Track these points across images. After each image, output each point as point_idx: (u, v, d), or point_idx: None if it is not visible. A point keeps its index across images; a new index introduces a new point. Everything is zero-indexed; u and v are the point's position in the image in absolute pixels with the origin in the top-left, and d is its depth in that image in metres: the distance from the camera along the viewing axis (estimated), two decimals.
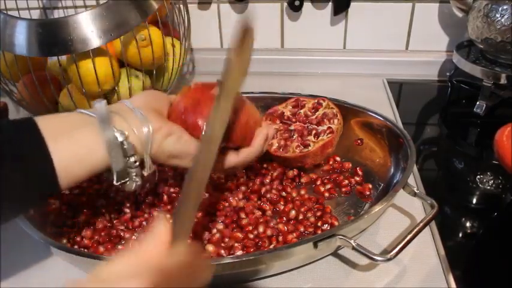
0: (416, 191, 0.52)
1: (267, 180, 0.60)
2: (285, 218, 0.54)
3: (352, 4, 0.88)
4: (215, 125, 0.37)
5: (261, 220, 0.53)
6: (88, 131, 0.40)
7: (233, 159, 0.49)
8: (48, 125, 0.39)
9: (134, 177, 0.42)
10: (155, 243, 0.28)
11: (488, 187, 0.62)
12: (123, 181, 0.42)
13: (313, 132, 0.62)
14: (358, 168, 0.62)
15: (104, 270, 0.26)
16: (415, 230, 0.47)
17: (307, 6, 0.90)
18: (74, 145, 0.39)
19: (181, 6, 0.76)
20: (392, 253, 0.44)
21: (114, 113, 0.42)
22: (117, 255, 0.28)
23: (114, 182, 0.41)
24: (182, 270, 0.28)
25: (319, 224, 0.53)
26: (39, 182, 0.38)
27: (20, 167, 0.37)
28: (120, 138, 0.40)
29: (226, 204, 0.56)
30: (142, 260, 0.27)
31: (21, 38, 0.60)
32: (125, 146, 0.40)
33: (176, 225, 0.30)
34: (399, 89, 0.91)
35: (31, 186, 0.38)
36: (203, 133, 0.41)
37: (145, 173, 0.43)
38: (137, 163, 0.42)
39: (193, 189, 0.33)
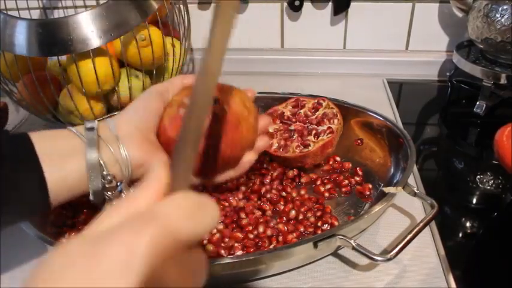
0: (416, 191, 0.52)
1: (267, 180, 0.60)
2: (285, 218, 0.54)
3: (352, 4, 0.88)
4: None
5: (261, 220, 0.53)
6: (77, 160, 0.41)
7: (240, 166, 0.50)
8: (42, 145, 0.40)
9: (111, 198, 0.44)
10: (147, 192, 0.24)
11: (488, 187, 0.62)
12: (97, 201, 0.44)
13: (313, 132, 0.62)
14: (358, 168, 0.62)
15: (93, 227, 0.23)
16: (415, 230, 0.47)
17: (307, 6, 0.90)
18: (65, 172, 0.41)
19: (181, 6, 0.76)
20: (392, 253, 0.44)
21: (101, 139, 0.43)
22: (107, 209, 0.24)
23: (91, 199, 0.43)
24: (182, 216, 0.22)
25: (319, 224, 0.53)
26: (32, 199, 0.40)
27: (14, 186, 0.38)
28: (103, 165, 0.42)
29: (226, 204, 0.56)
30: (129, 211, 0.23)
31: (21, 38, 0.60)
32: (104, 173, 0.42)
33: (173, 172, 0.26)
34: (399, 89, 0.91)
35: (24, 202, 0.39)
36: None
37: (122, 196, 0.45)
38: (115, 189, 0.44)
39: (191, 130, 0.28)
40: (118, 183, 0.44)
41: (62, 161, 0.41)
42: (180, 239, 0.22)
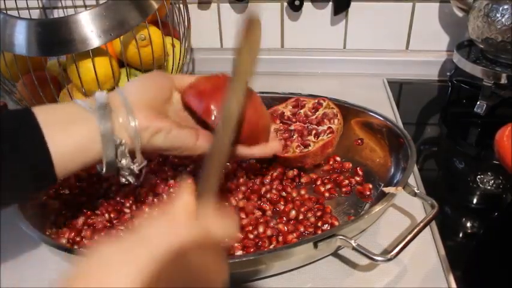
0: (416, 191, 0.52)
1: (267, 180, 0.60)
2: (285, 218, 0.54)
3: (352, 4, 0.88)
4: (232, 104, 0.40)
5: (261, 220, 0.53)
6: (84, 126, 0.41)
7: (245, 152, 0.50)
8: (46, 116, 0.39)
9: (124, 170, 0.44)
10: (183, 207, 0.29)
11: (489, 187, 0.62)
12: (111, 173, 0.43)
13: (313, 132, 0.62)
14: (358, 168, 0.62)
15: (141, 230, 0.27)
16: (415, 230, 0.47)
17: (307, 6, 0.90)
18: (70, 139, 0.40)
19: (181, 6, 0.76)
20: (392, 253, 0.44)
21: (111, 107, 0.43)
22: (146, 219, 0.29)
23: (103, 172, 0.43)
24: (212, 222, 0.30)
25: (319, 224, 0.53)
26: (37, 172, 0.39)
27: (17, 157, 0.37)
28: (115, 139, 0.41)
29: (226, 204, 0.56)
30: (173, 216, 0.29)
31: (20, 38, 0.60)
32: (119, 146, 0.42)
33: (201, 190, 0.32)
34: (399, 89, 0.91)
35: (28, 176, 0.38)
36: (218, 115, 0.43)
37: (135, 167, 0.44)
38: (129, 160, 0.43)
39: (216, 154, 0.36)
40: (129, 155, 0.44)
41: (66, 128, 0.40)
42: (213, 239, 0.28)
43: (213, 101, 0.47)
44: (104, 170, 0.42)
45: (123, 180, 0.44)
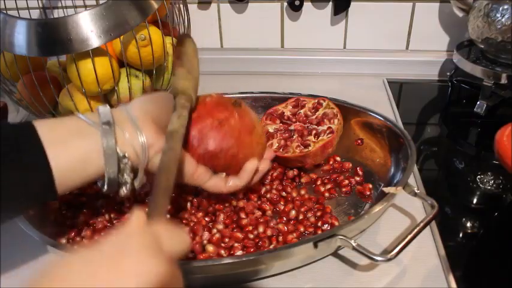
0: (416, 191, 0.52)
1: (267, 180, 0.60)
2: (285, 218, 0.54)
3: (352, 4, 0.88)
4: (175, 122, 0.42)
5: (261, 220, 0.53)
6: (86, 142, 0.40)
7: (220, 186, 0.50)
8: (47, 131, 0.39)
9: (125, 186, 0.43)
10: (134, 221, 0.29)
11: (489, 187, 0.62)
12: (112, 190, 0.43)
13: (313, 132, 0.62)
14: (358, 168, 0.62)
15: (94, 245, 0.27)
16: (416, 230, 0.47)
17: (307, 6, 0.90)
18: (71, 155, 0.39)
19: (181, 6, 0.76)
20: (392, 253, 0.44)
21: (115, 123, 0.42)
22: (97, 242, 0.28)
23: (104, 189, 0.42)
24: (164, 234, 0.28)
25: (319, 224, 0.53)
26: (38, 187, 0.39)
27: (18, 173, 0.37)
28: (119, 152, 0.41)
29: (226, 204, 0.56)
30: (126, 230, 0.28)
31: (20, 38, 0.60)
32: (122, 160, 0.41)
33: (151, 211, 0.32)
34: (399, 89, 0.91)
35: (29, 192, 0.38)
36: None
37: (136, 184, 0.44)
38: (131, 176, 0.43)
39: (163, 177, 0.36)
40: (131, 172, 0.43)
41: (68, 142, 0.39)
42: (164, 249, 0.27)
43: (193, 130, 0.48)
44: (106, 186, 0.42)
45: (122, 194, 0.44)
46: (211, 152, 0.48)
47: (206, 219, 0.53)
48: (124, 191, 0.43)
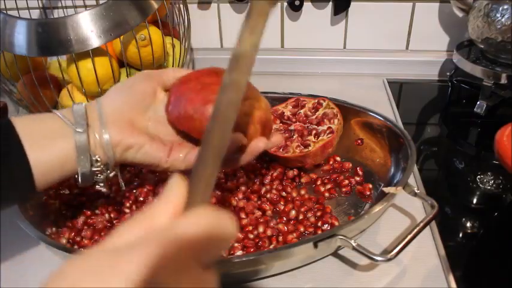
0: (416, 191, 0.52)
1: (267, 180, 0.60)
2: (285, 218, 0.54)
3: (352, 4, 0.88)
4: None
5: (261, 220, 0.53)
6: (63, 141, 0.42)
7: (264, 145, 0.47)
8: (27, 129, 0.41)
9: (100, 180, 0.45)
10: (166, 207, 0.24)
11: (489, 187, 0.62)
12: (87, 184, 0.45)
13: (313, 132, 0.62)
14: (358, 168, 0.62)
15: (113, 240, 0.23)
16: (415, 230, 0.47)
17: (307, 6, 0.90)
18: (50, 155, 0.41)
19: (181, 6, 0.76)
20: (392, 253, 0.44)
21: (88, 121, 0.43)
22: (122, 224, 0.24)
23: (79, 184, 0.44)
24: (199, 237, 0.22)
25: (319, 224, 0.53)
26: (17, 184, 0.40)
27: (1, 172, 0.39)
28: (92, 155, 0.43)
29: (226, 204, 0.56)
30: (149, 228, 0.23)
31: (21, 38, 0.60)
32: (92, 159, 0.43)
33: (192, 187, 0.25)
34: (399, 89, 0.91)
35: (8, 187, 0.40)
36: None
37: (110, 175, 0.46)
38: (101, 167, 0.44)
39: (211, 149, 0.27)
40: (104, 167, 0.44)
41: (46, 143, 0.41)
42: (199, 259, 0.22)
43: (195, 106, 0.44)
44: (80, 181, 0.44)
45: (98, 188, 0.46)
46: (186, 114, 0.44)
47: None
48: (99, 186, 0.46)
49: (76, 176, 0.44)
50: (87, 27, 0.60)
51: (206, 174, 0.26)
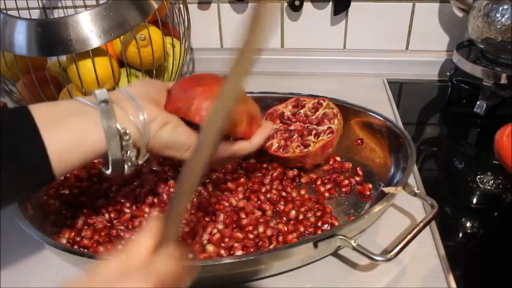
0: (416, 191, 0.52)
1: (267, 180, 0.60)
2: (285, 218, 0.54)
3: (352, 4, 0.88)
4: (212, 126, 0.33)
5: (261, 220, 0.53)
6: (84, 119, 0.40)
7: (228, 149, 0.49)
8: (42, 113, 0.39)
9: (130, 163, 0.42)
10: (139, 248, 0.30)
11: (488, 187, 0.62)
12: (116, 172, 0.42)
13: (313, 132, 0.62)
14: (358, 168, 0.62)
15: (100, 269, 0.28)
16: (415, 230, 0.47)
17: (307, 6, 0.90)
18: (68, 132, 0.39)
19: (181, 6, 0.76)
20: (392, 253, 0.44)
21: (113, 102, 0.41)
22: (111, 254, 0.29)
23: (109, 172, 0.41)
24: (169, 272, 0.30)
25: (319, 224, 0.53)
26: (33, 170, 0.38)
27: (12, 156, 0.36)
28: (120, 129, 0.40)
29: (226, 204, 0.56)
30: (127, 266, 0.29)
31: (21, 38, 0.60)
32: (124, 137, 0.40)
33: (166, 226, 0.32)
34: (399, 89, 0.91)
35: (24, 175, 0.37)
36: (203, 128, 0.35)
37: (140, 162, 0.43)
38: (134, 153, 0.42)
39: (185, 191, 0.33)
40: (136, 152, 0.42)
41: (60, 122, 0.39)
42: None
43: (196, 98, 0.46)
44: (110, 168, 0.41)
45: (127, 171, 0.43)
46: (176, 95, 0.47)
47: (206, 219, 0.54)
48: (127, 168, 0.42)
49: (103, 168, 0.42)
50: (87, 27, 0.60)
51: (177, 213, 0.33)
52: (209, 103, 0.46)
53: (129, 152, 0.41)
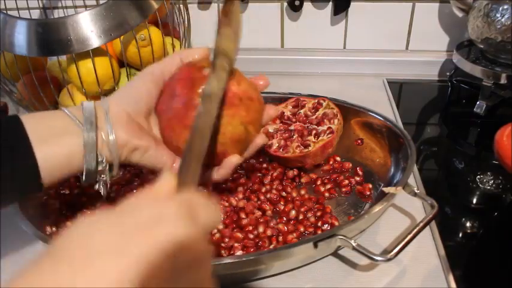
0: (416, 191, 0.52)
1: (267, 180, 0.60)
2: (285, 218, 0.54)
3: (352, 4, 0.88)
4: (213, 84, 0.39)
5: (261, 220, 0.53)
6: (71, 139, 0.42)
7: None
8: (33, 126, 0.41)
9: (102, 180, 0.45)
10: (163, 186, 0.28)
11: (488, 187, 0.62)
12: (90, 182, 0.44)
13: (313, 132, 0.62)
14: (358, 168, 0.62)
15: (123, 205, 0.26)
16: (415, 230, 0.47)
17: (307, 6, 0.90)
18: (57, 152, 0.41)
19: (181, 6, 0.76)
20: (392, 253, 0.44)
21: (97, 120, 0.43)
22: (129, 198, 0.26)
23: (83, 181, 0.44)
24: (197, 205, 0.27)
25: (319, 224, 0.53)
26: (22, 179, 0.40)
27: (4, 165, 0.39)
28: (98, 155, 0.43)
29: (226, 204, 0.56)
30: (156, 194, 0.27)
31: (21, 38, 0.60)
32: (99, 160, 0.43)
33: (181, 177, 0.30)
34: (399, 89, 0.91)
35: (14, 183, 0.40)
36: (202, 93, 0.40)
37: (114, 174, 0.45)
38: (106, 167, 0.44)
39: (196, 141, 0.34)
40: (108, 167, 0.44)
41: (54, 140, 0.41)
42: (199, 223, 0.25)
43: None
44: (84, 177, 0.43)
45: (99, 187, 0.45)
46: (164, 97, 0.45)
47: None
48: (99, 186, 0.45)
49: (80, 174, 0.44)
50: (87, 27, 0.60)
51: (193, 163, 0.32)
52: (182, 127, 0.44)
53: (102, 175, 0.44)
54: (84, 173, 0.43)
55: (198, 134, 0.34)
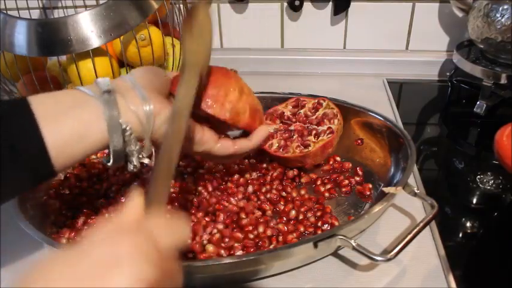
0: (416, 191, 0.52)
1: (267, 180, 0.60)
2: (285, 218, 0.54)
3: (352, 4, 0.88)
4: (181, 97, 0.39)
5: (261, 220, 0.53)
6: (85, 111, 0.38)
7: (228, 146, 0.49)
8: (42, 104, 0.37)
9: (133, 159, 0.41)
10: (130, 211, 0.28)
11: (488, 187, 0.62)
12: (118, 164, 0.41)
13: (313, 132, 0.62)
14: (358, 168, 0.62)
15: (85, 240, 0.26)
16: (415, 230, 0.47)
17: (307, 6, 0.90)
18: (69, 125, 0.37)
19: (181, 6, 0.76)
20: (392, 253, 0.44)
21: (116, 92, 0.40)
22: (92, 227, 0.28)
23: (110, 164, 0.40)
24: (160, 230, 0.28)
25: (319, 224, 0.53)
26: (31, 165, 0.37)
27: (10, 151, 0.36)
28: (122, 122, 0.39)
29: (226, 204, 0.56)
30: (119, 225, 0.28)
31: (21, 38, 0.60)
32: (125, 127, 0.39)
33: (150, 196, 0.31)
34: (399, 89, 0.91)
35: (23, 169, 0.36)
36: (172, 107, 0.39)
37: (144, 155, 0.42)
38: (137, 147, 0.41)
39: (164, 161, 0.34)
40: (138, 144, 0.41)
41: (60, 116, 0.37)
42: (159, 247, 0.26)
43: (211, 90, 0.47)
44: (111, 160, 0.40)
45: (131, 167, 0.41)
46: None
47: (206, 219, 0.54)
48: (132, 164, 0.41)
49: (104, 159, 0.41)
50: (87, 27, 0.60)
51: (161, 182, 0.33)
52: (216, 91, 0.47)
53: (132, 146, 0.40)
54: (111, 153, 0.39)
55: (166, 154, 0.34)
